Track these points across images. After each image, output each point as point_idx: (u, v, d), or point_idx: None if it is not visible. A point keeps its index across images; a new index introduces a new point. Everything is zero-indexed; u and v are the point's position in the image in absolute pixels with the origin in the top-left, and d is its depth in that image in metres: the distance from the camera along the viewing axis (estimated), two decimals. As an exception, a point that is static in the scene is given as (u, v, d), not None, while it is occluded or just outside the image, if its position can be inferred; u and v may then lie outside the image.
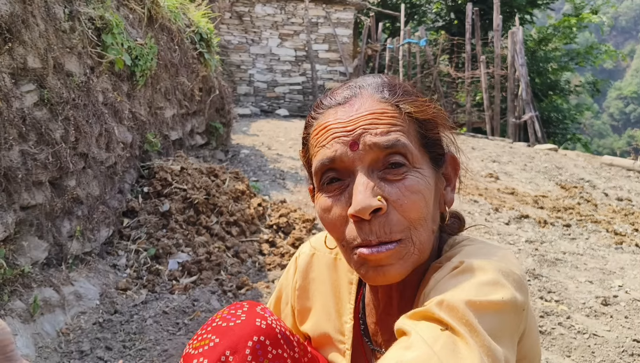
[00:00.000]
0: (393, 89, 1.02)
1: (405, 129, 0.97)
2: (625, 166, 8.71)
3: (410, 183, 0.94)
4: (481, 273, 0.88)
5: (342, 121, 0.98)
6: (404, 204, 0.93)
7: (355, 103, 1.00)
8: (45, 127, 2.70)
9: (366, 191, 0.91)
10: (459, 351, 0.75)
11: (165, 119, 4.63)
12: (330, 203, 0.98)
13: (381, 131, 0.94)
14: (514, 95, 12.55)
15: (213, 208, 4.01)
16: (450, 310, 0.80)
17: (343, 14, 14.80)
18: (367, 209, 0.90)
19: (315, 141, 1.02)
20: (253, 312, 1.07)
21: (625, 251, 4.52)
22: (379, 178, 0.94)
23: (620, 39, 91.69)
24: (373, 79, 1.06)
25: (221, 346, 0.99)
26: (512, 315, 0.85)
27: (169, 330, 2.71)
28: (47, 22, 2.76)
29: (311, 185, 1.12)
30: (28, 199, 2.59)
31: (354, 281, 1.21)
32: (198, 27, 5.40)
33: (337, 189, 0.97)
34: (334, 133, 0.97)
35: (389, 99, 1.00)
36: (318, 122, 1.03)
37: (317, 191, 1.02)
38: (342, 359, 1.19)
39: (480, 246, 1.01)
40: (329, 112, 1.02)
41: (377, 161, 0.95)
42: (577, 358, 2.69)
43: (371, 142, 0.93)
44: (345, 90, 1.04)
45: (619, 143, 56.77)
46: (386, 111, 0.98)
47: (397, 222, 0.92)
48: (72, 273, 2.94)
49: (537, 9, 20.17)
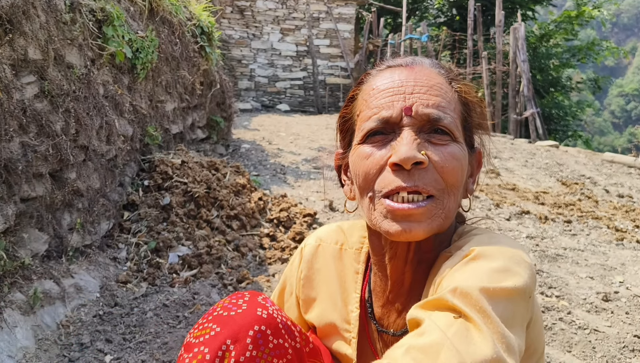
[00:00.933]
0: (446, 68, 1.11)
1: (453, 107, 1.03)
2: (626, 163, 8.69)
3: (452, 150, 0.99)
4: (492, 261, 0.89)
5: (400, 80, 1.03)
6: (444, 166, 0.97)
7: (415, 67, 1.06)
8: (46, 119, 2.69)
9: (412, 144, 0.95)
10: (472, 337, 0.76)
11: (166, 112, 4.61)
12: (370, 151, 1.01)
13: (434, 102, 1.00)
14: (516, 91, 12.52)
15: (214, 202, 4.00)
16: (464, 297, 0.81)
17: (344, 9, 14.76)
18: (412, 159, 0.93)
19: (369, 96, 1.06)
20: (254, 302, 1.07)
21: (626, 248, 4.51)
22: (425, 139, 0.99)
23: (622, 36, 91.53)
24: (427, 58, 1.13)
25: (222, 335, 0.99)
26: (522, 302, 0.86)
27: (169, 323, 2.70)
28: (48, 14, 2.74)
29: (340, 149, 1.17)
30: (28, 191, 2.58)
31: (359, 271, 1.22)
32: (199, 20, 5.38)
33: (380, 142, 1.01)
34: (392, 93, 1.02)
35: (444, 75, 1.07)
36: (375, 80, 1.08)
37: (357, 143, 1.05)
38: (348, 347, 1.20)
39: (490, 234, 1.02)
40: (388, 71, 1.08)
41: (425, 126, 0.99)
42: (577, 353, 2.69)
43: (423, 113, 0.99)
44: (406, 57, 1.11)
45: (620, 141, 56.75)
46: (442, 84, 1.04)
47: (434, 180, 0.96)
48: (73, 266, 2.94)
49: (539, 5, 20.15)
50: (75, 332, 2.59)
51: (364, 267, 1.22)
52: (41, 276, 2.63)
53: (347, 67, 14.80)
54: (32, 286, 2.52)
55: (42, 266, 2.70)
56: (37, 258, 2.70)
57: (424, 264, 1.07)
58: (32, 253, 2.64)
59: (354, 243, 1.25)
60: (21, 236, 2.56)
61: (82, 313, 2.74)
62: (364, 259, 1.23)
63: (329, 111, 14.43)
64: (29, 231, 2.63)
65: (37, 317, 2.49)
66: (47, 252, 2.80)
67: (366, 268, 1.23)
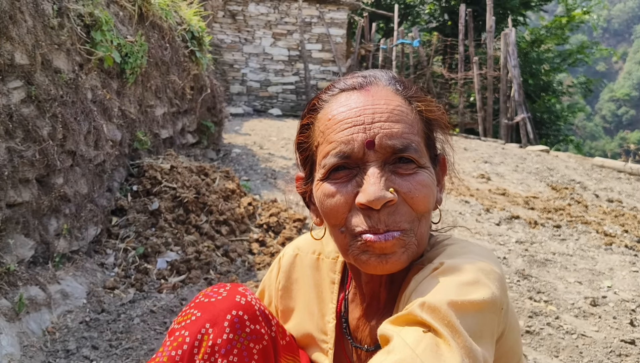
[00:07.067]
0: (404, 84, 1.05)
1: (415, 130, 0.99)
2: (616, 168, 8.75)
3: (421, 178, 0.96)
4: (462, 273, 0.88)
5: (357, 108, 0.98)
6: (414, 197, 0.95)
7: (371, 90, 1.01)
8: (33, 124, 2.67)
9: (380, 183, 0.93)
10: (441, 353, 0.76)
11: (156, 117, 4.60)
12: (335, 189, 0.98)
13: (397, 131, 0.96)
14: (507, 96, 12.59)
15: (203, 207, 3.99)
16: (432, 311, 0.80)
17: (337, 14, 14.79)
18: (381, 200, 0.91)
19: (325, 128, 1.01)
20: (234, 290, 1.10)
21: (614, 252, 4.54)
22: (391, 171, 0.96)
23: (612, 41, 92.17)
24: (384, 72, 1.07)
25: (202, 319, 1.03)
26: (492, 315, 0.85)
27: (156, 330, 2.69)
28: (36, 19, 2.73)
29: (302, 173, 1.12)
30: (14, 197, 2.56)
31: (336, 281, 1.22)
32: (190, 25, 5.37)
33: (344, 177, 0.98)
34: (351, 124, 0.97)
35: (402, 93, 1.02)
36: (329, 107, 1.03)
37: (320, 179, 1.01)
38: (325, 358, 1.19)
39: (462, 244, 1.01)
40: (342, 96, 1.02)
41: (390, 157, 0.96)
42: (565, 358, 2.70)
43: (387, 144, 0.95)
44: (359, 77, 1.05)
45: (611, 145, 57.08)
46: (401, 106, 0.99)
47: (405, 213, 0.95)
48: (59, 272, 2.92)
49: (530, 10, 20.26)
50: (61, 338, 2.57)
51: (340, 277, 1.22)
52: (27, 282, 2.61)
53: (339, 72, 14.82)
54: (17, 293, 2.50)
55: (28, 272, 2.68)
56: (23, 264, 2.67)
57: (397, 283, 1.07)
58: (18, 259, 2.62)
59: (331, 252, 1.24)
60: (7, 242, 2.54)
61: (69, 320, 2.72)
62: (340, 268, 1.22)
63: (321, 116, 14.40)
64: (15, 236, 2.62)
65: (22, 324, 2.46)
66: (33, 258, 2.78)
67: (343, 277, 1.22)
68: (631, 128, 69.54)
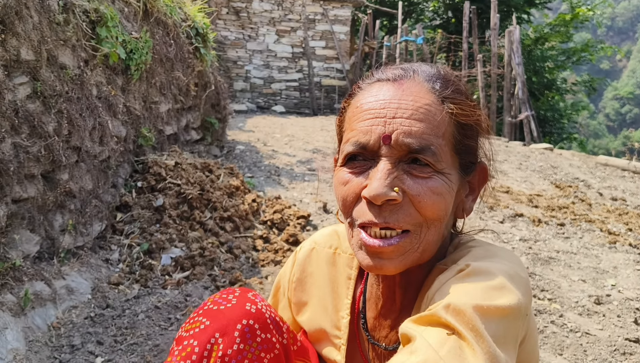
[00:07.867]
0: (445, 83, 1.00)
1: (441, 132, 0.95)
2: (620, 166, 8.72)
3: (434, 184, 0.93)
4: (488, 277, 0.87)
5: (384, 100, 0.96)
6: (422, 201, 0.92)
7: (404, 84, 0.98)
8: (38, 120, 2.68)
9: (385, 180, 0.91)
10: (465, 357, 0.75)
11: (160, 113, 4.60)
12: (348, 178, 0.97)
13: (416, 130, 0.92)
14: (510, 94, 12.56)
15: (207, 204, 4.00)
16: (457, 314, 0.80)
17: (340, 11, 14.77)
18: (382, 197, 0.90)
19: (352, 115, 1.01)
20: (244, 297, 1.08)
21: (618, 251, 4.53)
22: (404, 170, 0.93)
23: (617, 39, 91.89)
24: (429, 68, 1.04)
25: (211, 328, 1.01)
26: (516, 321, 0.85)
27: (160, 325, 2.70)
28: (41, 14, 2.74)
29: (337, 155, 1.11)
30: (20, 193, 2.57)
31: (352, 277, 1.21)
32: (194, 21, 5.37)
33: (359, 168, 0.97)
34: (373, 115, 0.96)
35: (437, 91, 0.98)
36: (362, 95, 1.02)
37: (340, 164, 1.01)
38: (337, 353, 1.19)
39: (487, 248, 1.00)
40: (375, 86, 1.01)
41: (405, 155, 0.94)
42: (569, 356, 2.70)
43: (403, 142, 0.92)
44: (398, 69, 1.03)
45: (614, 144, 56.94)
46: (430, 105, 0.95)
47: (410, 214, 0.92)
48: (64, 267, 2.93)
49: (534, 8, 20.21)
50: (66, 333, 2.58)
51: (357, 273, 1.21)
52: (32, 278, 2.62)
53: (343, 69, 14.81)
54: (23, 288, 2.51)
55: (34, 267, 2.69)
56: (28, 259, 2.68)
57: (414, 284, 1.06)
58: (24, 255, 2.63)
59: (348, 247, 1.22)
60: (12, 237, 2.55)
61: (74, 315, 2.73)
62: (357, 264, 1.21)
63: (324, 113, 14.44)
64: (21, 232, 2.62)
65: (27, 319, 2.47)
66: (38, 253, 2.79)
67: (360, 273, 1.21)
68: (635, 126, 69.39)
